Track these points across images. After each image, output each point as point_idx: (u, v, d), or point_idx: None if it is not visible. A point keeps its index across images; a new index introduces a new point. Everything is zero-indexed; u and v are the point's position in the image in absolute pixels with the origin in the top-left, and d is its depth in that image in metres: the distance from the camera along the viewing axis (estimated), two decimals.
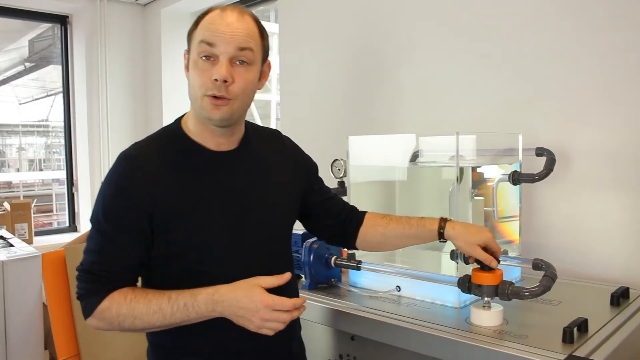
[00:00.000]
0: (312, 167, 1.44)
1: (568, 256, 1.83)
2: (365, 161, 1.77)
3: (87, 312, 1.15)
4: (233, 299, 1.11)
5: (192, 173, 1.19)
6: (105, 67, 3.85)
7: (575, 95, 1.81)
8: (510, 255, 1.73)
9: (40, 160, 4.87)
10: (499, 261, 1.29)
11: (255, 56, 1.16)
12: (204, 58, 1.13)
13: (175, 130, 1.23)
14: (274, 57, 2.90)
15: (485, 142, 1.76)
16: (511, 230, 1.77)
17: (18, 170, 4.86)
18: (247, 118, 1.26)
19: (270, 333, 1.12)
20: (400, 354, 1.37)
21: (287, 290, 1.26)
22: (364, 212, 1.47)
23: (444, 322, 1.34)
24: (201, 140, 1.21)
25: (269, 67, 1.26)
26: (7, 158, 4.87)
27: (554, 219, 1.88)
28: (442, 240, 1.33)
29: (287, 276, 1.16)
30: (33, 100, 4.55)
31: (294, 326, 1.34)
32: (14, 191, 4.63)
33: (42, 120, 4.60)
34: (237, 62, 1.14)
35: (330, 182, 1.80)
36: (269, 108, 4.14)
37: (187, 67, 1.19)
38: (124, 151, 1.18)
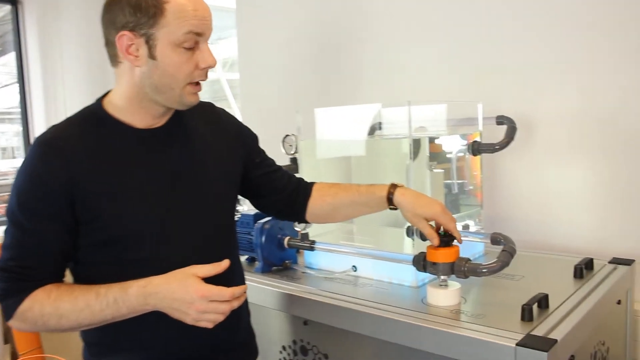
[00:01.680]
0: (251, 138, 1.34)
1: (532, 227, 1.77)
2: (320, 136, 1.67)
3: (8, 314, 1.04)
4: (167, 291, 1.02)
5: (117, 154, 1.08)
6: (61, 50, 3.65)
7: (535, 63, 1.73)
8: (472, 229, 1.66)
9: (12, 148, 4.68)
10: (452, 237, 1.21)
11: None
12: (186, 48, 1.04)
13: (96, 110, 1.12)
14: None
15: (444, 112, 1.67)
16: (472, 202, 1.70)
17: None
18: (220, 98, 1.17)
19: (209, 325, 1.03)
20: (355, 338, 1.30)
21: (231, 277, 1.18)
22: (311, 184, 1.38)
23: (400, 303, 1.27)
24: (127, 119, 1.11)
25: None
26: None
27: (517, 189, 1.81)
28: (392, 207, 1.24)
29: (225, 264, 1.06)
30: (2, 87, 4.34)
31: (240, 314, 1.25)
32: None
33: (12, 107, 4.40)
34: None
35: (284, 160, 1.71)
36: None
37: (131, 53, 1.04)
38: (39, 136, 1.07)
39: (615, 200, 1.63)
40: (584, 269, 1.42)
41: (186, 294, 1.01)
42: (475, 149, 1.59)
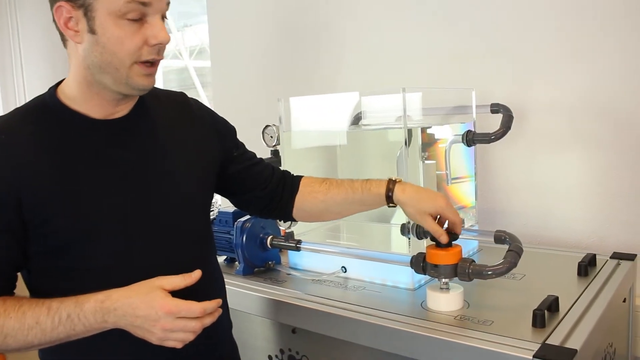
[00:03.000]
0: (227, 130, 1.21)
1: (529, 221, 1.69)
2: (302, 126, 1.55)
3: None
4: (128, 306, 0.88)
5: (69, 148, 0.94)
6: (18, 36, 3.43)
7: (530, 48, 1.64)
8: (467, 223, 1.57)
9: None
10: (457, 235, 1.11)
11: None
12: (130, 20, 0.89)
13: (47, 99, 0.98)
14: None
15: (436, 100, 1.57)
16: (466, 195, 1.60)
17: None
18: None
19: (178, 345, 0.90)
20: (348, 348, 1.19)
21: (208, 285, 1.06)
22: (298, 177, 1.26)
23: (396, 309, 1.17)
24: (82, 109, 0.97)
25: None
26: None
27: (510, 181, 1.72)
28: (391, 205, 1.13)
29: (196, 275, 0.93)
30: None
31: (220, 326, 1.13)
32: None
33: None
34: (161, 19, 0.94)
35: (264, 152, 1.59)
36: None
37: (71, 28, 0.91)
38: None
39: (613, 192, 1.55)
40: (588, 267, 1.33)
41: (150, 309, 0.88)
42: (470, 139, 1.49)
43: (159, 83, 3.74)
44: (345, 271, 1.39)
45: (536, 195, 1.67)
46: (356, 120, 1.65)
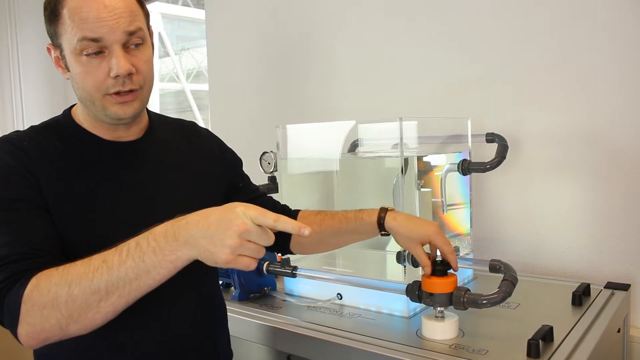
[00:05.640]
0: (235, 161, 1.24)
1: (522, 249, 1.69)
2: (299, 153, 1.57)
3: (13, 314, 0.79)
4: (201, 214, 0.81)
5: (83, 166, 0.97)
6: (18, 52, 3.44)
7: (525, 78, 1.66)
8: (462, 251, 1.57)
9: None
10: (449, 265, 1.12)
11: (145, 32, 0.97)
12: (90, 55, 0.91)
13: (63, 119, 1.02)
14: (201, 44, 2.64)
15: (432, 129, 1.59)
16: (461, 223, 1.61)
17: None
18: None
19: (247, 266, 0.79)
20: None
21: (213, 307, 1.12)
22: (296, 211, 1.28)
23: (392, 337, 1.17)
24: (93, 130, 1.01)
25: (152, 33, 1.04)
26: None
27: (505, 209, 1.73)
28: (383, 233, 1.15)
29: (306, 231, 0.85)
30: None
31: (221, 356, 1.14)
32: None
33: None
34: (132, 46, 0.94)
35: (261, 179, 1.60)
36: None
37: (61, 66, 0.96)
38: (3, 135, 0.97)
39: (606, 221, 1.57)
40: (582, 296, 1.34)
41: (226, 210, 0.79)
42: (465, 167, 1.51)
43: (155, 106, 3.76)
44: (341, 298, 1.39)
45: (530, 224, 1.68)
46: (353, 147, 1.67)
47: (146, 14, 0.99)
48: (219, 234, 0.77)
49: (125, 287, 0.79)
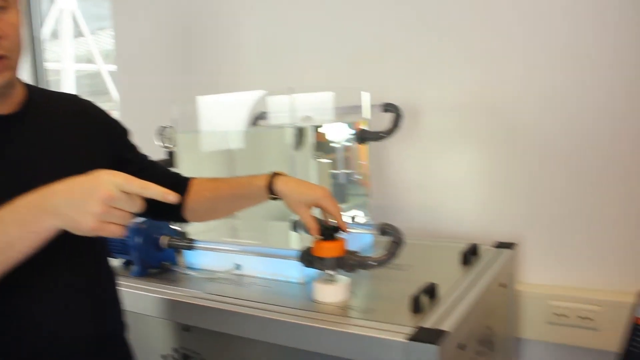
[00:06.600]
0: (120, 132, 1.20)
1: (420, 216, 1.76)
2: (201, 126, 1.55)
3: None
4: (67, 183, 0.80)
5: None
6: None
7: (423, 49, 1.71)
8: (361, 219, 1.62)
9: None
10: (337, 229, 1.15)
11: None
12: None
13: None
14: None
15: (332, 100, 1.61)
16: (360, 191, 1.66)
17: None
18: None
19: (114, 233, 0.79)
20: (241, 343, 1.20)
21: (102, 289, 1.09)
22: (189, 179, 1.27)
23: (287, 302, 1.19)
24: None
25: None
26: None
27: (404, 178, 1.79)
28: (272, 197, 1.15)
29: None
30: None
31: (114, 328, 1.13)
32: None
33: None
34: None
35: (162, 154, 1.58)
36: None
37: None
38: None
39: (497, 187, 1.65)
40: (470, 255, 1.41)
41: (92, 177, 0.79)
42: (361, 137, 1.54)
43: (70, 89, 3.60)
44: (239, 268, 1.40)
45: (427, 191, 1.75)
46: (255, 120, 1.67)
47: None
48: (82, 201, 0.76)
49: None
